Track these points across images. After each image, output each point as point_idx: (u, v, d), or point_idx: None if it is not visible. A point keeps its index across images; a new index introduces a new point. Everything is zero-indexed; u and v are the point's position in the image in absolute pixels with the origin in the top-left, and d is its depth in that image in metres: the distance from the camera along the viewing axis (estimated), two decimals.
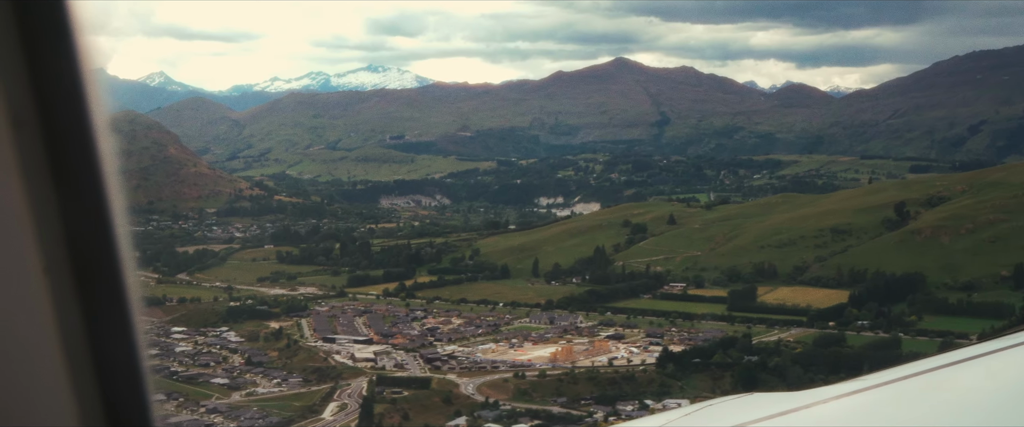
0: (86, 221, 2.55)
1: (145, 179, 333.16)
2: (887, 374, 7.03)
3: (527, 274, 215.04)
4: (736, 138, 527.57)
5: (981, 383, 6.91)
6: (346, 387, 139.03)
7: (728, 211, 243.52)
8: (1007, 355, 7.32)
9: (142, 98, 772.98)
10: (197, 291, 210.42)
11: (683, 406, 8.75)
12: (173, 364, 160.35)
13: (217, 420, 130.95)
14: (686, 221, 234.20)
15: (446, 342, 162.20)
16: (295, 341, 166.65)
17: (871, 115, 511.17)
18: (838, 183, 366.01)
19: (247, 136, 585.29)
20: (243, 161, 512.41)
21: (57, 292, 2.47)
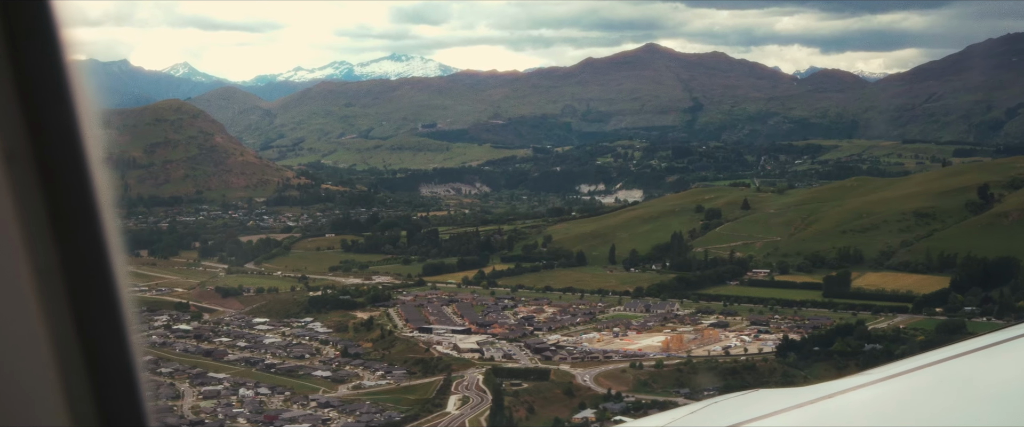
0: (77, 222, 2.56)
1: (193, 168, 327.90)
2: (889, 369, 6.85)
3: (603, 261, 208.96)
4: (770, 124, 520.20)
5: (986, 376, 6.75)
6: (460, 379, 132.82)
7: (802, 195, 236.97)
8: (1010, 347, 7.15)
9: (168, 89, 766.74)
10: (270, 281, 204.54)
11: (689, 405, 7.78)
12: (266, 356, 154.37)
13: (331, 415, 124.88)
14: (759, 206, 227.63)
15: (546, 331, 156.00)
16: (389, 332, 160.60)
17: (907, 99, 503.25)
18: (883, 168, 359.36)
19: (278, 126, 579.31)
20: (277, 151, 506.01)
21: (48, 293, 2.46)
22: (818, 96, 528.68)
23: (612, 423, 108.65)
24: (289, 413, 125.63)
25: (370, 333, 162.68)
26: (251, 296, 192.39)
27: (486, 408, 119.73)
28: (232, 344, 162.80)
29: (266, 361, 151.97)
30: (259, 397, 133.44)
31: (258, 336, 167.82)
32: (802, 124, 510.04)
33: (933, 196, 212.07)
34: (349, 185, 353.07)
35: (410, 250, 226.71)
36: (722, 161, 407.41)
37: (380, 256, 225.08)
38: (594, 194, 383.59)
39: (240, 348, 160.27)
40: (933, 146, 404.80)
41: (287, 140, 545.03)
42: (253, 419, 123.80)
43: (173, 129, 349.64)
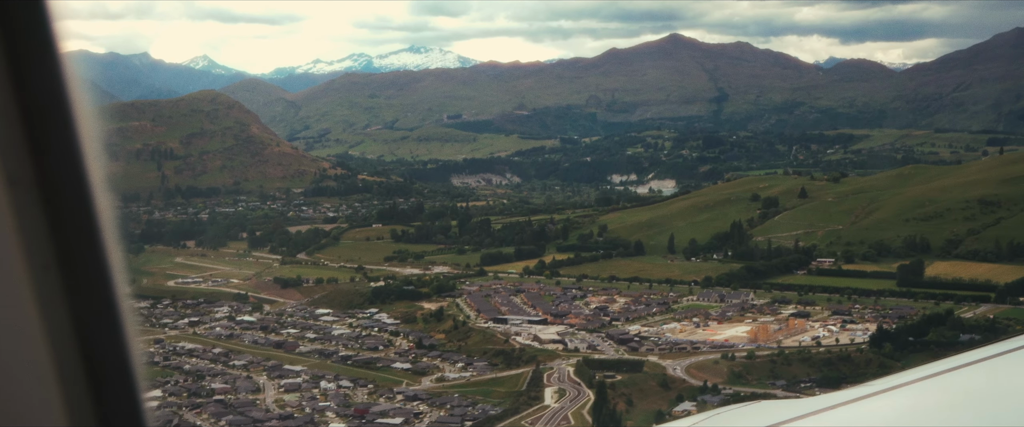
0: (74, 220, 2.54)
1: (230, 159, 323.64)
2: (893, 379, 6.87)
3: (662, 250, 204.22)
4: (797, 113, 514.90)
5: (987, 386, 6.76)
6: (549, 371, 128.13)
7: (858, 184, 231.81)
8: (1014, 357, 7.13)
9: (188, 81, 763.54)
10: (326, 271, 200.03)
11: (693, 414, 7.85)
12: (338, 348, 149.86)
13: (421, 407, 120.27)
14: (817, 194, 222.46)
15: (625, 322, 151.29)
16: (462, 322, 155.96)
17: (934, 88, 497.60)
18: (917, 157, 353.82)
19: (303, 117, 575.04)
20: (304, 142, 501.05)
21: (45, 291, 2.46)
22: (844, 86, 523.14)
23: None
24: (378, 406, 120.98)
25: (441, 324, 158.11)
26: (310, 287, 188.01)
27: (586, 401, 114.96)
28: (301, 336, 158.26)
29: (340, 353, 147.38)
30: (342, 390, 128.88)
31: (325, 327, 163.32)
32: (829, 114, 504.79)
33: (995, 184, 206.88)
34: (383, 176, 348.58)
35: (462, 240, 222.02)
36: (753, 151, 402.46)
37: (432, 246, 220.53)
38: (626, 184, 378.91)
39: (310, 340, 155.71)
40: (966, 135, 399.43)
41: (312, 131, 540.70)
42: (342, 413, 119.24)
43: (208, 119, 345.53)
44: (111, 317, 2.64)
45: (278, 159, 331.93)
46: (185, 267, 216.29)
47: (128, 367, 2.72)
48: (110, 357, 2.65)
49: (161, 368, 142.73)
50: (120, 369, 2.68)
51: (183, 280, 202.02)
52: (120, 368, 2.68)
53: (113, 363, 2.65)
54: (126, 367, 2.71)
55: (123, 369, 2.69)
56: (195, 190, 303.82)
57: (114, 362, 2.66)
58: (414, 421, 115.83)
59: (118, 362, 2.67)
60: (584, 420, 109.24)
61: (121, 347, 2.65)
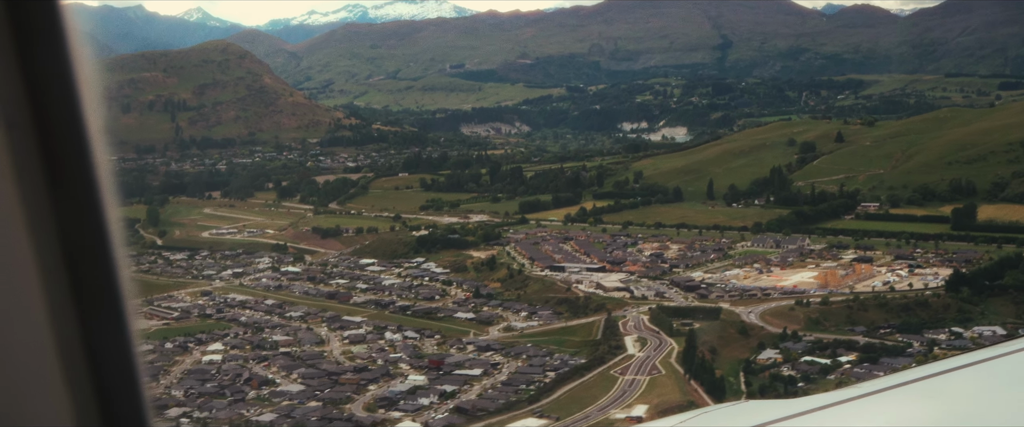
0: (80, 221, 2.49)
1: (244, 110, 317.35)
2: (882, 381, 6.90)
3: (701, 197, 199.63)
4: (802, 60, 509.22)
5: (976, 390, 6.80)
6: (623, 319, 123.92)
7: (894, 128, 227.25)
8: (1002, 362, 7.19)
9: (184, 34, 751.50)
10: (363, 221, 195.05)
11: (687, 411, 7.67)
12: (394, 298, 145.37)
13: (495, 358, 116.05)
14: (853, 139, 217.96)
15: (684, 269, 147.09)
16: (518, 271, 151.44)
17: (939, 33, 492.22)
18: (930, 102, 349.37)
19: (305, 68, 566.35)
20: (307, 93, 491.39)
21: (51, 292, 2.42)
22: (848, 32, 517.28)
23: None
24: (451, 357, 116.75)
25: (495, 273, 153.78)
26: (351, 236, 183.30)
27: (669, 349, 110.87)
28: (351, 286, 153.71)
29: (397, 303, 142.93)
30: (408, 341, 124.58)
31: (374, 277, 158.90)
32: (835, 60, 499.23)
33: None
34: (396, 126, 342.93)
35: (494, 188, 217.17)
36: (763, 97, 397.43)
37: (465, 195, 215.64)
38: (638, 132, 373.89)
39: (362, 290, 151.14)
40: (977, 79, 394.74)
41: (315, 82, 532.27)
42: (416, 364, 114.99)
43: (220, 70, 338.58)
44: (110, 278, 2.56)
45: (292, 109, 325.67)
46: (215, 218, 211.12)
47: (131, 363, 2.65)
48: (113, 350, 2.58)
49: (216, 320, 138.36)
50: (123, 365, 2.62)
51: (218, 231, 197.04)
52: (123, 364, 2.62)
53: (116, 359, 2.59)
54: (129, 363, 2.64)
55: (126, 365, 2.62)
56: (210, 141, 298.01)
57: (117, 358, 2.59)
58: (492, 372, 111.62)
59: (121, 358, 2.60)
60: (674, 369, 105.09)
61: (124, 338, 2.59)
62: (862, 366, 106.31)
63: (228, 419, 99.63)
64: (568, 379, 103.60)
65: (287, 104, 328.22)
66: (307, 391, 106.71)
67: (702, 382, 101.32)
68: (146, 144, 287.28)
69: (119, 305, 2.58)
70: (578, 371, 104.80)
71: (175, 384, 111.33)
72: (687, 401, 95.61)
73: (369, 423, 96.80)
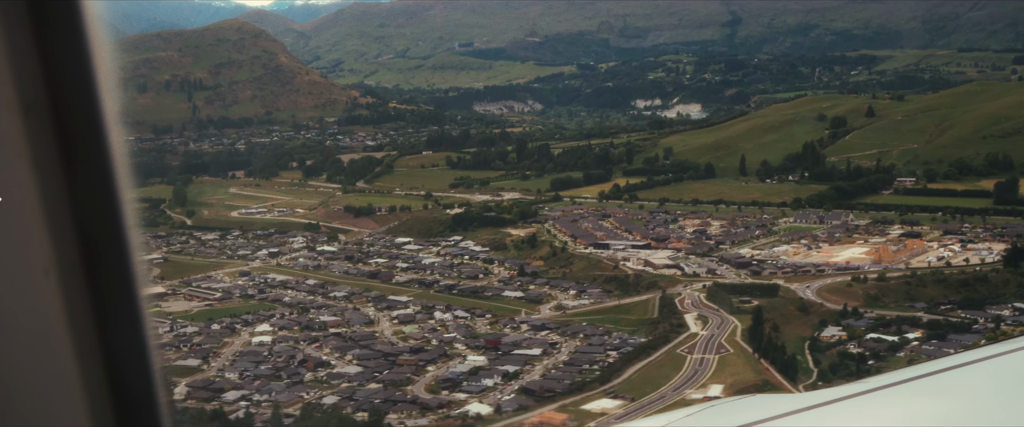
0: (96, 203, 2.48)
1: (260, 89, 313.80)
2: (891, 377, 6.87)
3: (733, 172, 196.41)
4: (812, 36, 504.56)
5: (985, 386, 6.77)
6: (679, 296, 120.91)
7: (924, 102, 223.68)
8: (1011, 358, 7.16)
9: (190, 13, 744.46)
10: (394, 200, 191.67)
11: None
12: (437, 277, 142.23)
13: (553, 338, 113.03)
14: (882, 113, 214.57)
15: (731, 245, 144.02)
16: (561, 249, 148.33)
17: (950, 8, 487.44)
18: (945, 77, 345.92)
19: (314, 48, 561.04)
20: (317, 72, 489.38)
21: (66, 283, 2.41)
22: (858, 7, 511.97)
23: None
24: (507, 336, 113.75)
25: (536, 251, 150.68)
26: (384, 215, 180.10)
27: (732, 327, 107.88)
28: (391, 265, 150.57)
29: (441, 282, 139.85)
30: (459, 320, 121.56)
31: (412, 256, 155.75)
32: (845, 36, 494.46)
33: None
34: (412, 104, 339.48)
35: (522, 166, 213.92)
36: (776, 73, 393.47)
37: (492, 172, 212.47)
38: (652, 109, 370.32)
39: (402, 269, 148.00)
40: (991, 54, 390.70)
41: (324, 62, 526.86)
42: (472, 344, 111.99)
43: (235, 49, 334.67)
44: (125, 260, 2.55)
45: (308, 88, 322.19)
46: (242, 198, 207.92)
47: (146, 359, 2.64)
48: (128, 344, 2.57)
49: (259, 301, 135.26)
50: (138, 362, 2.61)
51: (247, 210, 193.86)
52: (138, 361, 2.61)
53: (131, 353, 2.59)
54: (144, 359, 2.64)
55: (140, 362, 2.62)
56: (227, 121, 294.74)
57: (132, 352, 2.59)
58: (552, 352, 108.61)
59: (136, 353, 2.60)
60: (741, 348, 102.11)
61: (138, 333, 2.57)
62: (930, 343, 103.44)
63: (289, 402, 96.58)
64: (634, 359, 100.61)
65: (303, 83, 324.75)
66: (365, 373, 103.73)
67: (772, 361, 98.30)
68: (163, 124, 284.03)
69: (134, 288, 2.56)
70: (643, 351, 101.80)
71: (228, 366, 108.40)
72: (761, 380, 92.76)
73: (435, 405, 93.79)
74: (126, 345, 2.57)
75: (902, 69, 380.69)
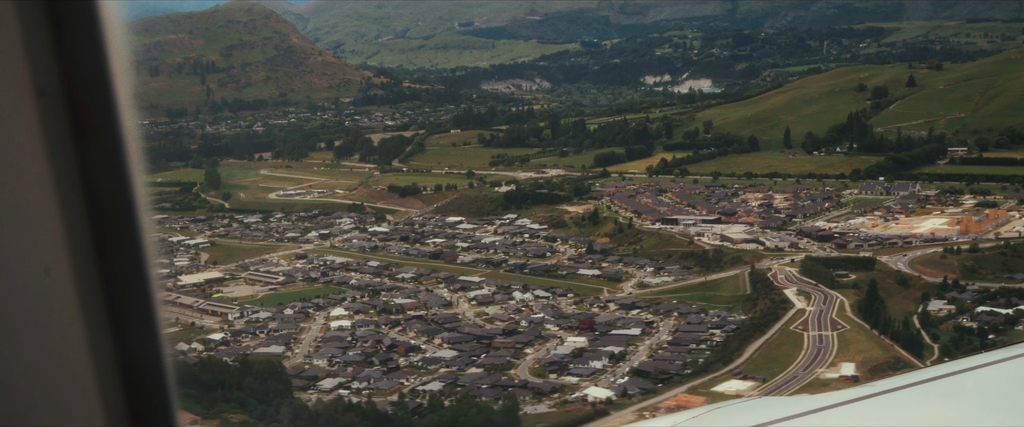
0: (109, 187, 2.47)
1: (273, 70, 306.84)
2: (899, 379, 6.89)
3: (777, 145, 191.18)
4: (813, 10, 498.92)
5: (992, 389, 6.68)
6: (770, 271, 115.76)
7: (964, 71, 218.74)
8: (1019, 362, 7.09)
9: None
10: (435, 179, 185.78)
11: None
12: (504, 256, 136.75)
13: (647, 317, 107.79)
14: (923, 83, 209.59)
15: (802, 218, 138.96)
16: (627, 225, 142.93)
17: None
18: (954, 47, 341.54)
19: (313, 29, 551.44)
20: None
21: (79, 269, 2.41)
22: None
23: None
24: (600, 316, 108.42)
25: (599, 228, 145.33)
26: (430, 194, 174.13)
27: (837, 302, 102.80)
28: (450, 245, 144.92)
29: (509, 261, 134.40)
30: (541, 300, 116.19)
31: (469, 235, 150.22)
32: (847, 8, 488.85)
33: None
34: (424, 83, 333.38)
35: (558, 142, 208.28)
36: (784, 48, 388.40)
37: (527, 149, 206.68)
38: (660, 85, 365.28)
39: (463, 249, 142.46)
40: (999, 24, 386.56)
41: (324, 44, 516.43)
42: (564, 325, 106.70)
43: (246, 31, 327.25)
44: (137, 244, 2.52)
45: (322, 69, 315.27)
46: (275, 179, 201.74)
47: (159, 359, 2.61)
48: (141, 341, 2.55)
49: (324, 284, 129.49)
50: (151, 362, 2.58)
51: (284, 192, 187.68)
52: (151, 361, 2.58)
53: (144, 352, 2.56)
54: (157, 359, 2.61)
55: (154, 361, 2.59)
56: (242, 103, 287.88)
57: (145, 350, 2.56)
58: (650, 331, 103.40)
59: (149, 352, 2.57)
60: (855, 323, 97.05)
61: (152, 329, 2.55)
62: None
63: (390, 389, 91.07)
64: (748, 338, 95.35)
65: (317, 64, 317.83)
66: (461, 357, 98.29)
67: (892, 337, 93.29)
68: (177, 107, 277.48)
69: (146, 273, 2.53)
70: (756, 329, 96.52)
71: (314, 352, 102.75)
72: (892, 357, 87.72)
73: (548, 389, 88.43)
74: (140, 335, 2.54)
75: (911, 40, 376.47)
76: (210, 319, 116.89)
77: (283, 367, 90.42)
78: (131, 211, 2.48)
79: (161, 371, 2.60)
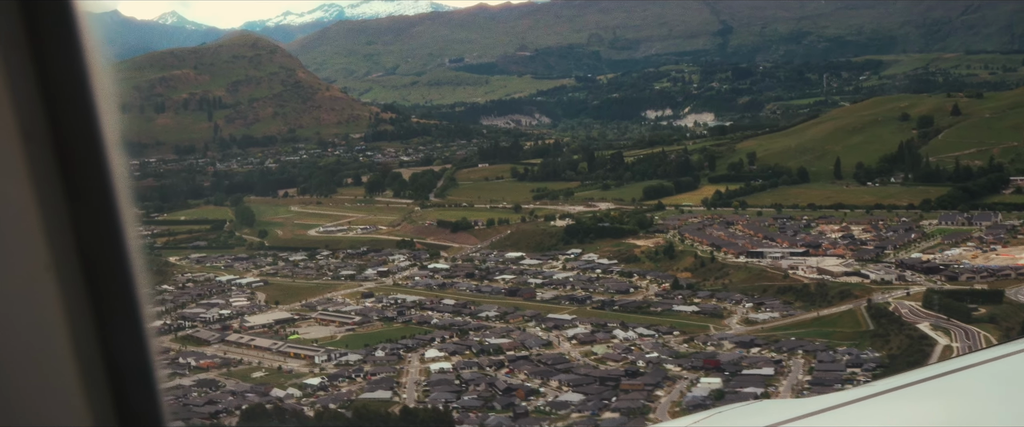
0: (98, 229, 2.44)
1: (281, 106, 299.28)
2: (898, 379, 6.75)
3: (827, 176, 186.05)
4: (805, 44, 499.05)
5: (991, 387, 6.59)
6: (890, 304, 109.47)
7: (1007, 99, 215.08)
8: (1017, 359, 6.93)
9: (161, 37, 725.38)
10: (480, 213, 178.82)
11: None
12: (584, 292, 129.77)
13: (774, 355, 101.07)
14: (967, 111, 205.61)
15: (893, 250, 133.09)
16: (709, 259, 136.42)
17: (942, 12, 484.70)
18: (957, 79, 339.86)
19: None
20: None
21: (70, 300, 2.38)
22: (849, 13, 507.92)
23: None
24: (724, 356, 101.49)
25: (677, 262, 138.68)
26: (483, 229, 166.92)
27: (984, 336, 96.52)
28: (521, 282, 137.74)
29: (593, 297, 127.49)
30: (646, 339, 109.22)
31: (537, 271, 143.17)
32: (838, 42, 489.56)
33: None
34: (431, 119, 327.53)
35: (595, 176, 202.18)
36: (785, 81, 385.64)
37: (563, 183, 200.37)
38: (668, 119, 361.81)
39: (537, 286, 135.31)
40: (999, 56, 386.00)
41: None
42: (686, 365, 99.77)
43: (252, 65, 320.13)
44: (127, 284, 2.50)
45: (330, 104, 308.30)
46: (309, 216, 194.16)
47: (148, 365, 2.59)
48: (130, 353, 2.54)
49: (403, 324, 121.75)
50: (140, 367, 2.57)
51: (324, 229, 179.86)
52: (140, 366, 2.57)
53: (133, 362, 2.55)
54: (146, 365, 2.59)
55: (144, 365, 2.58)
56: (251, 139, 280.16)
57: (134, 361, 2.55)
58: (782, 370, 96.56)
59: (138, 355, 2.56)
60: None
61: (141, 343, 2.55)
62: None
63: None
64: None
65: (325, 98, 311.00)
66: (591, 401, 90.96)
67: None
68: (185, 144, 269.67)
69: (137, 312, 2.52)
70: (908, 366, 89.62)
71: (424, 397, 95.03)
72: None
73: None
74: (130, 357, 2.51)
75: (911, 73, 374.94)
76: (294, 362, 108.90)
77: (425, 416, 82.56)
78: (123, 252, 2.44)
79: (149, 371, 2.56)
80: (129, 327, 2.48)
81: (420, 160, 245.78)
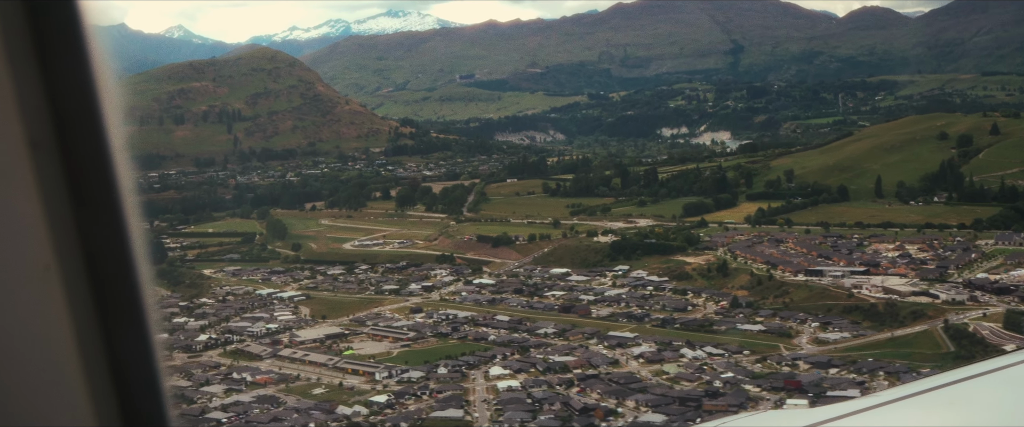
0: (103, 237, 2.47)
1: (300, 119, 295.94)
2: (904, 389, 6.75)
3: (867, 194, 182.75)
4: (816, 63, 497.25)
5: (998, 396, 6.55)
6: (968, 327, 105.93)
7: None
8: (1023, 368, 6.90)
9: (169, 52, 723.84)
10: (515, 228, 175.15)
11: None
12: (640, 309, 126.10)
13: (854, 376, 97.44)
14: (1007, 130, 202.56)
15: (956, 270, 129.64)
16: (767, 277, 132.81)
17: (954, 33, 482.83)
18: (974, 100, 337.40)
19: None
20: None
21: (76, 308, 2.40)
22: (861, 34, 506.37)
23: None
24: (803, 377, 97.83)
25: (730, 280, 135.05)
26: (524, 245, 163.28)
27: None
28: (573, 298, 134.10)
29: (650, 314, 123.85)
30: (716, 358, 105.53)
31: (587, 287, 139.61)
32: (850, 62, 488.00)
33: None
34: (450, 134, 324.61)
35: (629, 192, 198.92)
36: (800, 100, 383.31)
37: (600, 199, 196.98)
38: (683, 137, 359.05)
39: (590, 302, 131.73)
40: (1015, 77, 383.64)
41: None
42: (765, 386, 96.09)
43: (271, 78, 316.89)
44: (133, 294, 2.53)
45: (350, 118, 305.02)
46: (340, 229, 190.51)
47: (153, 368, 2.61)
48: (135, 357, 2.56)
49: (459, 340, 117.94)
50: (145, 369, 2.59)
51: (360, 243, 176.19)
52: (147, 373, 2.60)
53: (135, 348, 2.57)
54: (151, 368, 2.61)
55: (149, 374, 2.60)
56: (270, 152, 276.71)
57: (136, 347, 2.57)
58: (867, 392, 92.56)
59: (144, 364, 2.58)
60: None
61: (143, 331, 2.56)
62: None
63: None
64: None
65: (344, 112, 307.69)
66: (675, 422, 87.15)
67: None
68: (205, 157, 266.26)
69: (142, 317, 2.54)
70: None
71: (497, 416, 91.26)
72: None
73: None
74: (136, 365, 2.53)
75: (927, 93, 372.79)
76: (353, 378, 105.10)
77: None
78: (129, 261, 2.46)
79: (155, 375, 2.57)
80: (135, 332, 2.49)
81: (443, 175, 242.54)
